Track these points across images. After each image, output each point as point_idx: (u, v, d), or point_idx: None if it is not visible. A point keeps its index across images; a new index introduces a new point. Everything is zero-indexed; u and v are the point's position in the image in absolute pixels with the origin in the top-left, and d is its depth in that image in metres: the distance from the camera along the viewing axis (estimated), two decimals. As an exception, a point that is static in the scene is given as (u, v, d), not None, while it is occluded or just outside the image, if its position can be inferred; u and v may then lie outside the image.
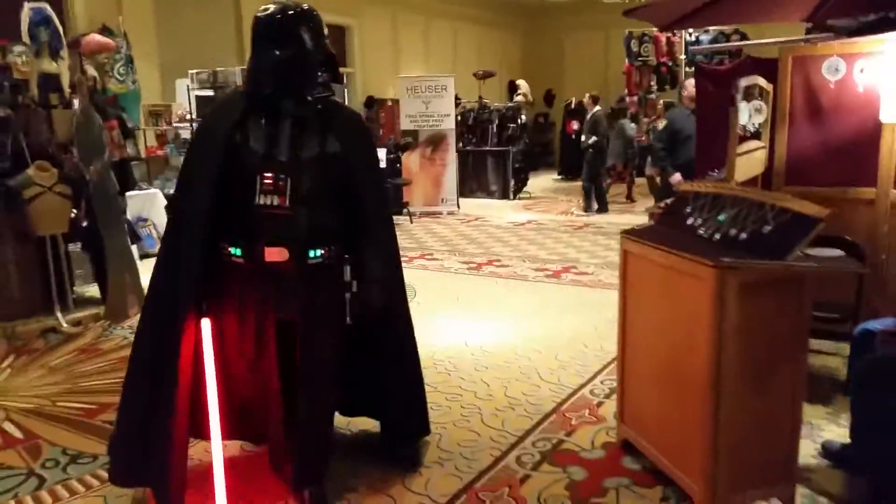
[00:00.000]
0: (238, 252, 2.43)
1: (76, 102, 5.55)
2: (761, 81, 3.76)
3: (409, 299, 3.07)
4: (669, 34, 10.63)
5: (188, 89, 8.90)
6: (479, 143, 12.61)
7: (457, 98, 14.46)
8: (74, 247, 5.81)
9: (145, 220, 8.11)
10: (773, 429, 2.53)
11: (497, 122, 12.59)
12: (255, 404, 2.84)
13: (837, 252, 2.51)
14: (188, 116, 8.96)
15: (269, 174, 2.35)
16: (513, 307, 5.50)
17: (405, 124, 10.77)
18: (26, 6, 5.39)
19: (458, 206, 10.79)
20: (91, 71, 6.54)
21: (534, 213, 10.66)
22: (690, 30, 8.38)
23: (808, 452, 2.94)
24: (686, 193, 3.03)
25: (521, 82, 13.15)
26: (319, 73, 2.42)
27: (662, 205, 3.97)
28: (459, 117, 13.22)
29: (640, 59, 11.39)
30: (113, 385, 3.93)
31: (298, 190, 2.38)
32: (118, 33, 9.29)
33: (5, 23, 5.73)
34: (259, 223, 2.38)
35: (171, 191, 9.02)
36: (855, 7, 3.77)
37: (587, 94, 11.06)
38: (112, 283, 5.44)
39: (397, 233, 3.00)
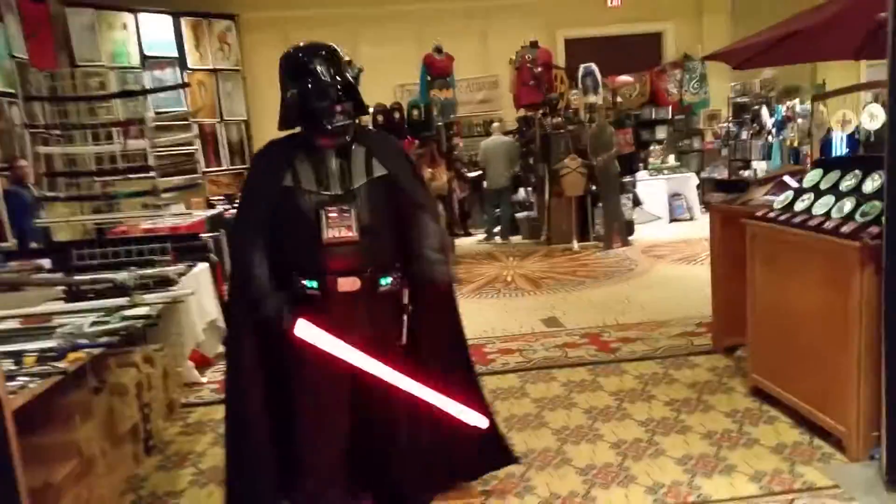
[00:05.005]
0: (314, 285, 2.53)
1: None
2: None
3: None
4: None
5: (728, 98, 11.62)
6: None
7: None
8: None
9: (679, 194, 11.43)
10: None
11: None
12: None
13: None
14: (728, 117, 11.68)
15: (333, 208, 2.48)
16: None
17: None
18: (581, 67, 9.47)
19: None
20: (610, 98, 10.28)
21: None
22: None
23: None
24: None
25: None
26: (338, 104, 2.46)
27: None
28: None
29: None
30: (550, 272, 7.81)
31: (361, 219, 2.51)
32: (696, 58, 12.65)
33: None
34: (329, 256, 2.50)
35: (714, 175, 12.03)
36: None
37: None
38: (605, 226, 9.23)
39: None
